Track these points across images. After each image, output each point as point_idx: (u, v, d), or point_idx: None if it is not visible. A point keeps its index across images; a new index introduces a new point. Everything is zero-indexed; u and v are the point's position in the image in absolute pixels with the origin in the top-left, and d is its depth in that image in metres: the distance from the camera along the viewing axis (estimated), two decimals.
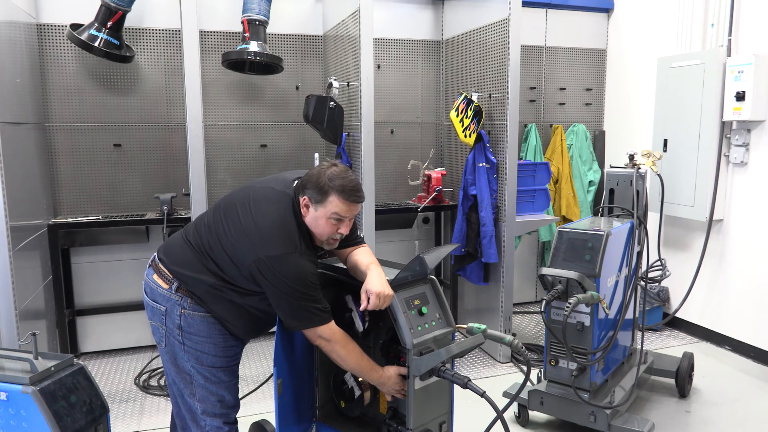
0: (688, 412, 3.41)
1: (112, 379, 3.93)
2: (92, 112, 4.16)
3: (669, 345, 4.45)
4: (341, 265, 2.39)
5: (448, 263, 4.82)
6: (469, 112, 4.00)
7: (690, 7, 4.46)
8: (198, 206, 3.64)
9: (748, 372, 3.98)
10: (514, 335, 2.20)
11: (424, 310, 2.23)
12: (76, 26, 3.89)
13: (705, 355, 4.24)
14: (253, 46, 4.02)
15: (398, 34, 4.81)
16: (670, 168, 4.44)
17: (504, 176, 4.00)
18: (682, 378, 3.53)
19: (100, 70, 4.15)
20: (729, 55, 4.15)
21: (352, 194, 2.07)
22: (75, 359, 2.27)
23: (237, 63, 4.20)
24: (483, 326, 2.15)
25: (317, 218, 2.09)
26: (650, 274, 3.72)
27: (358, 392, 2.42)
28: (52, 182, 4.10)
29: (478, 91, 4.14)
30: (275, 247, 2.04)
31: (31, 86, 3.77)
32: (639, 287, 3.49)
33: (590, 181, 5.26)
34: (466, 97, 4.07)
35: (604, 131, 5.45)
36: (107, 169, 4.24)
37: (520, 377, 3.83)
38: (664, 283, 4.71)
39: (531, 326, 4.96)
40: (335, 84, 4.02)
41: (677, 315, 4.61)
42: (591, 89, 5.40)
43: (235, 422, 2.32)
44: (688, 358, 3.58)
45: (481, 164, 4.07)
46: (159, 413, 3.44)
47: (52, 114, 4.07)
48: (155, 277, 2.22)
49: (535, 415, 3.29)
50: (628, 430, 2.89)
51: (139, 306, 4.25)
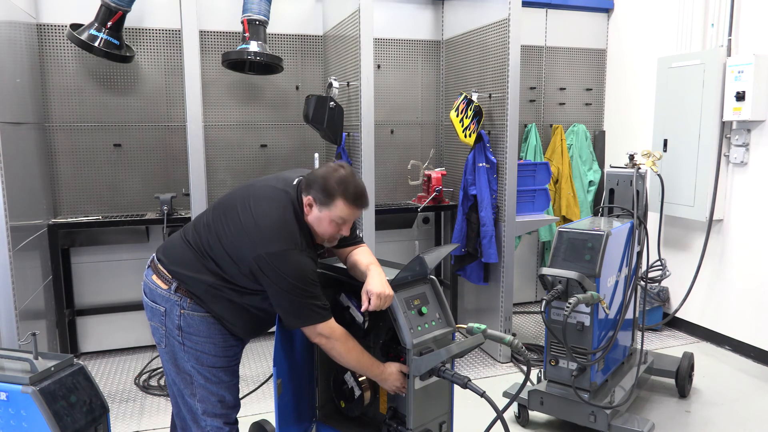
0: (688, 412, 3.41)
1: (112, 379, 3.93)
2: (92, 112, 4.16)
3: (669, 345, 4.45)
4: (341, 265, 2.39)
5: (448, 263, 4.82)
6: (469, 112, 4.00)
7: (690, 7, 4.46)
8: (198, 206, 3.64)
9: (748, 372, 3.98)
10: (514, 335, 2.20)
11: (424, 310, 2.23)
12: (76, 26, 3.89)
13: (705, 355, 4.24)
14: (253, 46, 4.02)
15: (398, 34, 4.81)
16: (670, 168, 4.44)
17: (504, 176, 4.00)
18: (682, 378, 3.53)
19: (100, 70, 4.15)
20: (729, 55, 4.15)
21: (359, 201, 2.10)
22: (75, 359, 2.27)
23: (237, 63, 4.20)
24: (483, 326, 2.15)
25: (321, 219, 2.10)
26: (650, 274, 3.72)
27: (358, 392, 2.42)
28: (52, 182, 4.10)
29: (478, 91, 4.14)
30: (276, 244, 2.04)
31: (31, 86, 3.77)
32: (639, 287, 3.49)
33: (590, 181, 5.26)
34: (466, 97, 4.07)
35: (604, 131, 5.45)
36: (107, 169, 4.24)
37: (520, 377, 3.83)
38: (664, 283, 4.71)
39: (531, 326, 4.96)
40: (335, 84, 4.02)
41: (677, 315, 4.61)
42: (591, 89, 5.40)
43: (236, 422, 2.32)
44: (688, 358, 3.58)
45: (481, 164, 4.07)
46: (159, 413, 3.44)
47: (52, 114, 4.07)
48: (154, 277, 2.22)
49: (535, 415, 3.29)
50: (628, 430, 2.89)
51: (139, 306, 4.25)
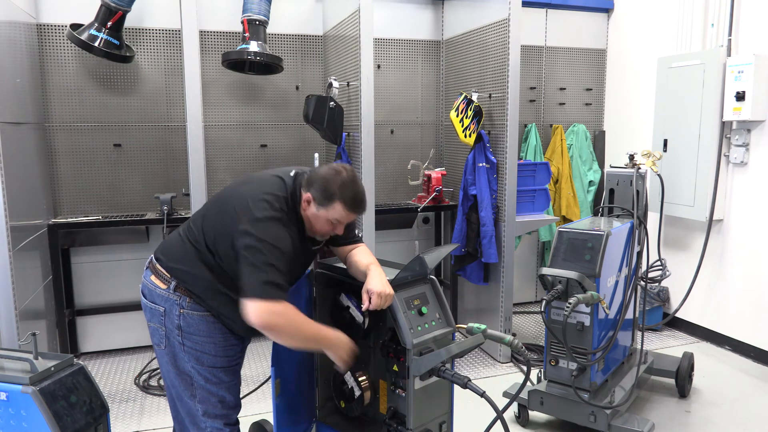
0: (688, 412, 3.41)
1: (112, 379, 3.93)
2: (92, 112, 4.16)
3: (669, 345, 4.45)
4: (341, 265, 2.40)
5: (448, 263, 4.82)
6: (469, 112, 4.00)
7: (690, 7, 4.46)
8: (198, 206, 3.61)
9: (748, 372, 3.98)
10: (514, 335, 2.20)
11: (424, 310, 2.23)
12: (76, 26, 3.89)
13: (705, 355, 4.24)
14: (253, 46, 4.02)
15: (398, 34, 4.81)
16: (670, 168, 4.44)
17: (504, 176, 4.00)
18: (682, 378, 3.53)
19: (100, 70, 4.15)
20: (729, 55, 4.15)
21: (358, 207, 2.11)
22: (75, 359, 2.27)
23: (237, 63, 4.20)
24: (483, 326, 2.15)
25: (317, 217, 2.11)
26: (650, 274, 3.72)
27: (358, 392, 2.42)
28: (52, 182, 4.10)
29: (478, 91, 4.14)
30: (261, 212, 2.04)
31: (31, 86, 3.77)
32: (639, 287, 3.49)
33: (590, 181, 5.26)
34: (466, 97, 4.07)
35: (604, 131, 5.45)
36: (107, 169, 4.24)
37: (520, 377, 3.83)
38: (664, 283, 4.71)
39: (531, 326, 4.96)
40: (335, 84, 4.02)
41: (677, 315, 4.61)
42: (591, 89, 5.40)
43: (237, 423, 2.31)
44: (688, 358, 3.58)
45: (481, 164, 4.07)
46: (159, 413, 3.44)
47: (52, 114, 4.07)
48: (153, 278, 2.22)
49: (535, 415, 3.29)
50: (628, 430, 2.89)
51: (139, 306, 4.24)
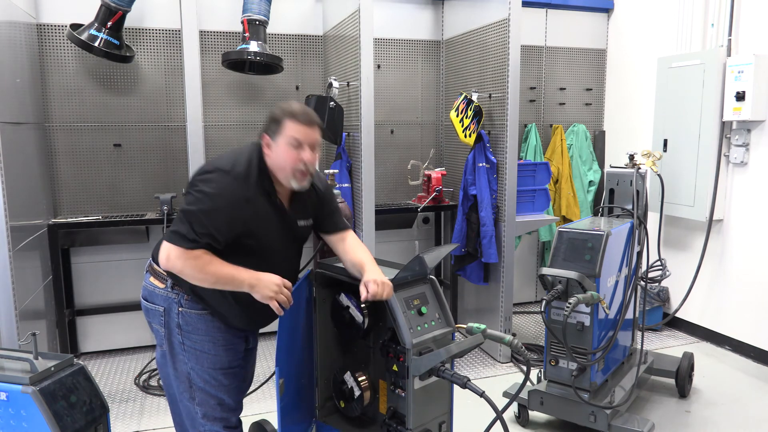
0: (688, 412, 3.41)
1: (112, 379, 3.93)
2: (92, 112, 4.16)
3: (669, 345, 4.45)
4: (340, 264, 2.40)
5: (448, 263, 4.82)
6: (469, 112, 4.00)
7: (690, 7, 4.46)
8: None
9: (748, 372, 3.98)
10: (514, 335, 2.20)
11: (423, 310, 2.23)
12: (76, 26, 3.89)
13: (705, 355, 4.24)
14: (253, 46, 4.02)
15: (398, 34, 4.81)
16: (670, 168, 4.44)
17: (504, 176, 4.00)
18: (682, 378, 3.53)
19: (100, 70, 4.15)
20: (729, 55, 4.15)
21: (305, 116, 2.09)
22: (75, 359, 2.27)
23: (237, 63, 4.20)
24: (482, 326, 2.15)
25: (278, 149, 2.08)
26: (650, 274, 3.73)
27: (357, 392, 2.42)
28: (52, 182, 4.10)
29: (478, 91, 4.14)
30: (212, 165, 2.05)
31: (31, 86, 3.77)
32: (639, 287, 3.49)
33: (590, 181, 5.26)
34: (466, 97, 4.07)
35: (604, 131, 5.45)
36: (107, 169, 4.24)
37: (520, 377, 3.83)
38: (664, 283, 4.71)
39: (531, 326, 4.96)
40: (335, 84, 4.02)
41: (677, 315, 4.61)
42: (591, 89, 5.40)
43: (237, 426, 2.29)
44: (688, 358, 3.58)
45: (481, 164, 4.07)
46: (159, 413, 3.44)
47: (52, 114, 4.07)
48: (151, 279, 2.22)
49: (535, 415, 3.29)
50: (628, 430, 2.89)
51: (138, 306, 4.24)
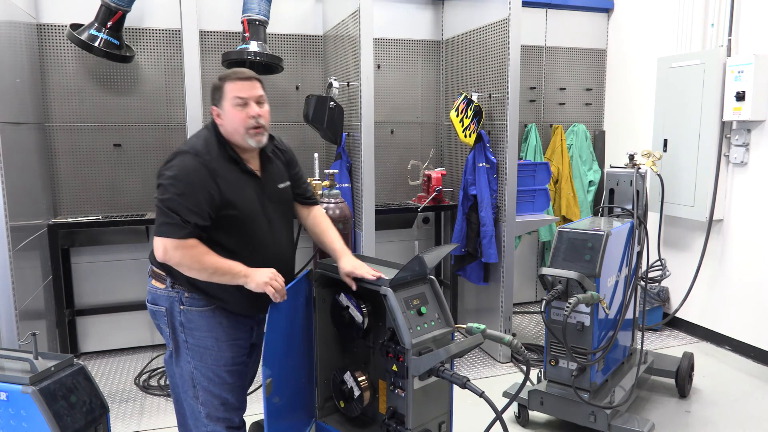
0: (688, 412, 3.41)
1: (112, 379, 3.93)
2: (92, 112, 4.16)
3: (669, 345, 4.45)
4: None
5: (448, 263, 4.82)
6: (469, 112, 4.00)
7: (690, 7, 4.46)
8: None
9: (748, 372, 3.98)
10: (514, 335, 2.20)
11: (423, 310, 2.23)
12: (76, 26, 3.89)
13: (705, 355, 4.23)
14: (253, 46, 4.02)
15: (398, 34, 4.81)
16: (670, 168, 4.43)
17: (504, 176, 4.00)
18: (682, 378, 3.52)
19: (100, 70, 4.15)
20: (729, 55, 4.15)
21: (240, 73, 2.14)
22: (75, 359, 2.27)
23: (237, 63, 4.19)
24: (482, 326, 2.15)
25: (227, 114, 2.12)
26: (650, 274, 3.72)
27: (357, 392, 2.42)
28: (52, 182, 4.10)
29: (478, 91, 4.14)
30: (172, 154, 2.10)
31: (31, 86, 3.77)
32: (639, 287, 3.49)
33: (590, 181, 5.26)
34: (466, 97, 4.07)
35: (604, 131, 5.45)
36: (107, 169, 4.24)
37: (520, 377, 3.83)
38: (664, 283, 4.71)
39: (531, 326, 4.96)
40: (335, 84, 4.02)
41: (677, 315, 4.61)
42: (591, 89, 5.40)
43: (240, 426, 2.29)
44: (688, 358, 3.58)
45: (481, 164, 4.07)
46: (159, 413, 3.44)
47: (52, 114, 4.07)
48: (153, 281, 2.22)
49: (535, 415, 3.29)
50: (628, 430, 2.89)
51: (139, 306, 4.25)
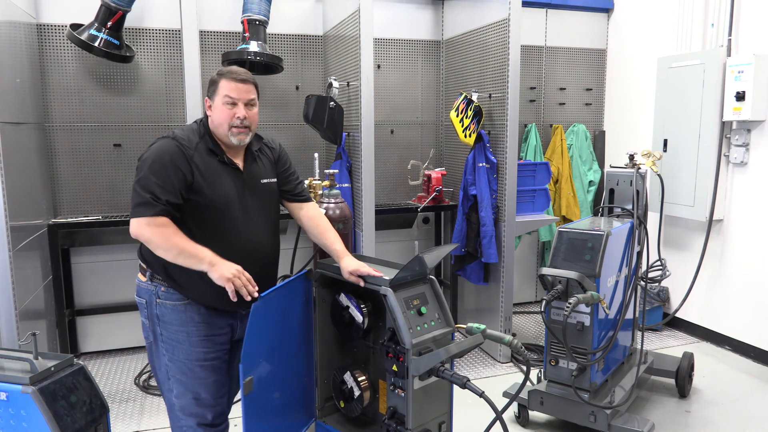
0: (688, 412, 3.41)
1: (112, 379, 3.93)
2: (92, 112, 4.16)
3: (669, 345, 4.45)
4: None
5: (448, 263, 4.82)
6: (469, 112, 4.00)
7: (690, 7, 4.46)
8: None
9: (748, 372, 3.98)
10: (514, 335, 2.20)
11: (423, 310, 2.23)
12: (76, 26, 3.89)
13: (705, 355, 4.24)
14: (253, 46, 4.02)
15: (398, 34, 4.81)
16: (670, 168, 4.43)
17: (504, 176, 4.00)
18: (682, 378, 3.53)
19: (100, 70, 4.15)
20: (729, 55, 4.15)
21: (236, 74, 2.20)
22: (75, 359, 2.27)
23: (237, 63, 4.19)
24: (482, 326, 2.15)
25: (216, 108, 2.20)
26: (650, 274, 3.72)
27: (357, 392, 2.42)
28: (52, 182, 4.10)
29: (478, 91, 4.14)
30: (155, 139, 2.18)
31: (31, 86, 3.77)
32: (639, 287, 3.49)
33: (590, 181, 5.26)
34: (466, 97, 4.07)
35: (604, 131, 5.45)
36: (107, 169, 4.24)
37: (520, 377, 3.83)
38: (664, 283, 4.71)
39: (531, 326, 4.96)
40: (335, 84, 4.02)
41: (677, 315, 4.61)
42: (591, 89, 5.40)
43: (214, 425, 2.26)
44: (688, 358, 3.58)
45: (481, 164, 4.07)
46: (159, 413, 3.44)
47: (52, 114, 4.07)
48: (138, 274, 2.28)
49: (535, 415, 3.29)
50: (628, 430, 2.89)
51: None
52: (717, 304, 4.42)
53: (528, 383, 2.15)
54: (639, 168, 3.39)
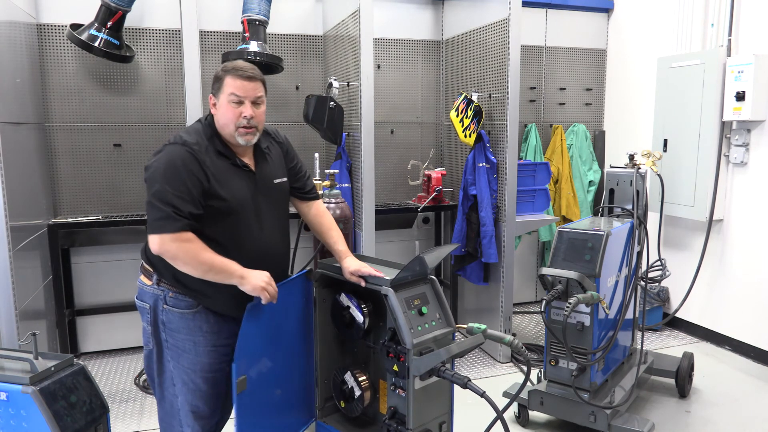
0: (688, 412, 3.41)
1: (112, 379, 3.93)
2: (92, 112, 4.16)
3: (669, 345, 4.45)
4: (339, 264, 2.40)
5: (448, 263, 4.82)
6: (469, 112, 4.00)
7: (690, 7, 4.46)
8: None
9: (748, 372, 3.98)
10: (514, 335, 2.20)
11: (424, 310, 2.23)
12: (76, 26, 3.89)
13: (705, 355, 4.24)
14: (253, 46, 4.02)
15: (398, 34, 4.81)
16: (670, 168, 4.44)
17: (504, 176, 4.00)
18: (682, 378, 3.53)
19: (100, 70, 4.14)
20: (729, 55, 4.15)
21: (242, 71, 2.10)
22: (75, 359, 2.27)
23: None
24: (483, 326, 2.15)
25: (221, 107, 2.11)
26: (650, 274, 3.72)
27: (358, 392, 2.42)
28: (52, 182, 4.10)
29: (478, 91, 4.14)
30: (160, 146, 2.11)
31: (31, 86, 3.77)
32: (639, 287, 3.49)
33: (590, 181, 5.26)
34: (466, 97, 4.07)
35: (604, 131, 5.45)
36: (107, 169, 4.23)
37: (520, 377, 3.83)
38: (664, 283, 4.71)
39: (531, 326, 4.96)
40: (335, 84, 4.02)
41: (677, 315, 4.61)
42: (591, 89, 5.40)
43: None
44: (688, 358, 3.58)
45: (481, 164, 4.07)
46: None
47: (52, 114, 4.07)
48: (141, 277, 2.22)
49: (535, 415, 3.29)
50: (628, 430, 2.89)
51: None
52: (717, 304, 4.42)
53: (528, 383, 2.15)
54: (639, 168, 3.39)
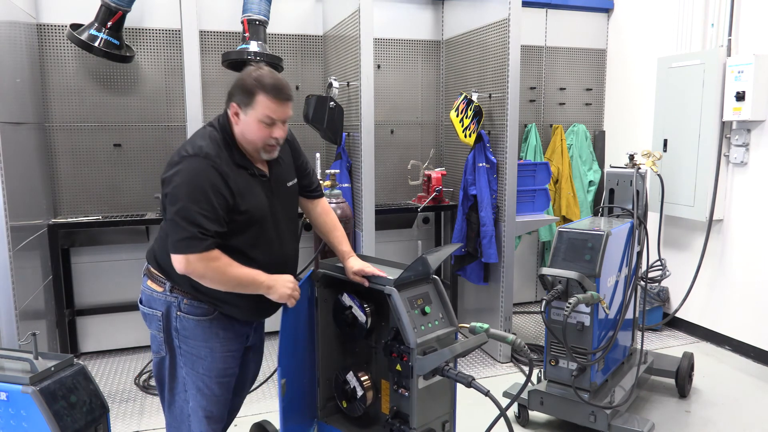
0: (688, 412, 3.41)
1: (112, 379, 3.92)
2: (92, 112, 4.16)
3: (669, 345, 4.46)
4: (342, 264, 2.40)
5: (448, 263, 4.82)
6: (469, 112, 4.00)
7: (690, 7, 4.46)
8: None
9: (748, 372, 3.98)
10: (514, 335, 2.20)
11: (427, 309, 2.23)
12: (76, 26, 3.88)
13: (705, 355, 4.24)
14: (253, 46, 4.02)
15: (398, 34, 4.81)
16: (670, 168, 4.44)
17: (504, 176, 4.00)
18: (682, 378, 3.53)
19: (100, 70, 4.14)
20: (729, 55, 4.15)
21: (281, 92, 2.00)
22: (75, 359, 2.27)
23: (237, 63, 4.19)
24: (486, 325, 2.16)
25: (248, 123, 2.01)
26: (650, 274, 3.73)
27: (360, 392, 2.42)
28: (52, 182, 4.09)
29: (478, 91, 4.14)
30: (175, 156, 1.97)
31: (31, 86, 3.76)
32: (639, 287, 3.49)
33: (590, 181, 5.26)
34: (466, 97, 4.07)
35: (604, 131, 5.45)
36: (107, 169, 4.23)
37: (520, 377, 3.83)
38: (664, 283, 4.71)
39: (531, 326, 4.96)
40: (335, 84, 4.02)
41: (677, 315, 4.61)
42: (591, 89, 5.41)
43: None
44: (688, 358, 3.59)
45: (481, 164, 4.07)
46: (159, 413, 3.42)
47: (52, 114, 4.07)
48: (149, 282, 2.17)
49: (535, 415, 3.29)
50: (628, 430, 2.89)
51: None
52: (717, 304, 4.43)
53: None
54: (639, 168, 3.39)
